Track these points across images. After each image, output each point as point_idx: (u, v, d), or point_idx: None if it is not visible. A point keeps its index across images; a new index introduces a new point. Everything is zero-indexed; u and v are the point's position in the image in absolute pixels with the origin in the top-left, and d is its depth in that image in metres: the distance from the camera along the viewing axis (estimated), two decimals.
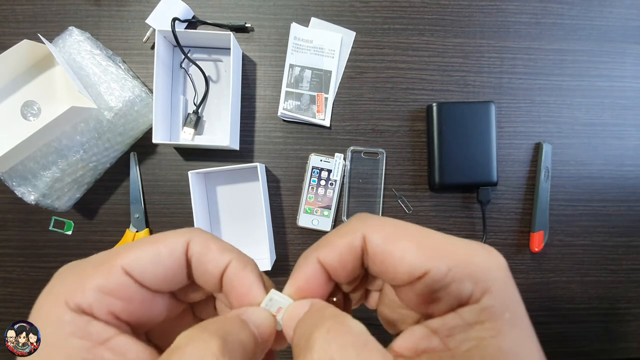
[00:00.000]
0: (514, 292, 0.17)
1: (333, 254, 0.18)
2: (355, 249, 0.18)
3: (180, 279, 0.19)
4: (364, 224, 0.18)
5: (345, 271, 0.19)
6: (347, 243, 0.18)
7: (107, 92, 0.52)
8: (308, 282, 0.19)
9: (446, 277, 0.16)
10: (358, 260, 0.18)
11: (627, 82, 0.60)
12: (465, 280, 0.16)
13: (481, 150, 0.56)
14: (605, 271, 0.60)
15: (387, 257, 0.17)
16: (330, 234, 0.19)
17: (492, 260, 0.17)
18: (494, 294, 0.16)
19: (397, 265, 0.17)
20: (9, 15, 0.57)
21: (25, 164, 0.50)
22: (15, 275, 0.57)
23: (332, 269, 0.18)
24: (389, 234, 0.18)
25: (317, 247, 0.19)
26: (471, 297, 0.16)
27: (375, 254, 0.18)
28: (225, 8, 0.58)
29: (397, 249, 0.17)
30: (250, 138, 0.58)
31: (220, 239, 0.20)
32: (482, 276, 0.16)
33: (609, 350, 0.61)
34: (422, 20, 0.59)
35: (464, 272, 0.16)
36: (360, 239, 0.18)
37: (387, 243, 0.17)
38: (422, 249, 0.17)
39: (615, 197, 0.60)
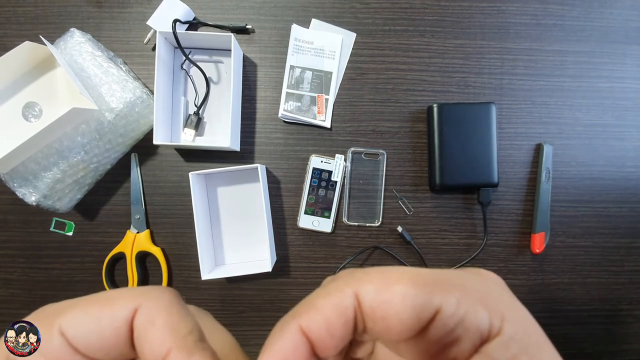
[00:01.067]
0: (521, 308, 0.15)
1: (319, 319, 0.15)
2: (345, 310, 0.15)
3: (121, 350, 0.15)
4: (349, 277, 0.15)
5: (334, 340, 0.15)
6: (336, 304, 0.15)
7: (108, 94, 0.52)
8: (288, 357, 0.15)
9: (459, 310, 0.14)
10: (350, 324, 0.15)
11: (627, 83, 0.60)
12: (478, 310, 0.14)
13: (482, 151, 0.56)
14: (607, 273, 0.60)
15: (387, 307, 0.14)
16: (312, 295, 0.16)
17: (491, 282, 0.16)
18: (511, 319, 0.14)
19: (402, 314, 0.14)
20: (10, 17, 0.57)
21: (27, 165, 0.50)
22: (16, 276, 0.58)
23: (319, 338, 0.15)
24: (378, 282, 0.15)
25: (297, 313, 0.15)
26: (492, 329, 0.14)
27: (372, 309, 0.15)
28: (226, 9, 0.58)
29: (395, 295, 0.14)
30: (250, 139, 0.58)
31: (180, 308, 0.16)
32: (492, 301, 0.15)
33: (611, 352, 0.61)
34: (423, 21, 0.59)
35: (473, 301, 0.14)
36: (351, 297, 0.15)
37: (382, 292, 0.15)
38: (421, 286, 0.14)
39: (617, 198, 0.60)
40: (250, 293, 0.58)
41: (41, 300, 0.57)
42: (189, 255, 0.57)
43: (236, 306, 0.58)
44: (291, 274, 0.59)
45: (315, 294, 0.16)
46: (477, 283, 0.15)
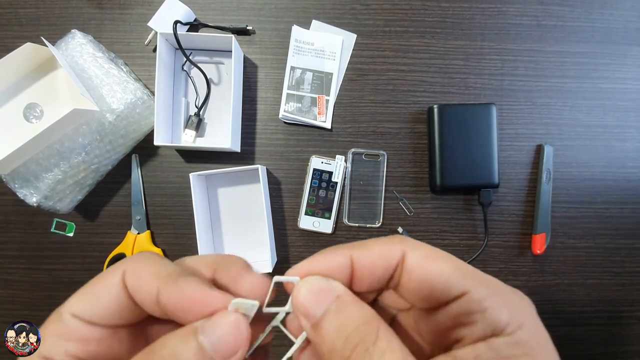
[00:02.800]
0: (546, 333, 0.16)
1: (367, 257, 0.18)
2: (391, 259, 0.17)
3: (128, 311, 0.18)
4: (403, 241, 0.18)
5: (371, 278, 0.18)
6: (385, 251, 0.18)
7: (109, 95, 0.52)
8: (330, 272, 0.17)
9: (485, 301, 0.16)
10: (388, 272, 0.18)
11: (628, 84, 0.60)
12: (502, 310, 0.16)
13: (482, 152, 0.56)
14: (608, 274, 0.60)
15: (425, 273, 0.17)
16: (367, 240, 0.19)
17: (523, 300, 0.17)
18: (529, 329, 0.16)
19: (434, 282, 0.16)
20: (12, 18, 0.57)
21: (28, 166, 0.51)
22: (17, 277, 0.58)
23: (360, 271, 0.18)
24: (428, 253, 0.17)
25: (351, 246, 0.18)
26: (506, 328, 0.15)
27: (413, 270, 0.17)
28: (226, 11, 0.58)
29: (435, 266, 0.17)
30: (251, 140, 0.58)
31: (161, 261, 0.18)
32: (518, 311, 0.16)
33: (612, 353, 0.61)
34: (423, 22, 0.59)
35: (502, 301, 0.16)
36: (399, 252, 0.17)
37: (427, 260, 0.17)
38: (460, 271, 0.17)
39: (618, 199, 0.60)
40: None
41: (42, 301, 0.57)
42: (189, 256, 0.57)
43: None
44: None
45: (371, 240, 0.18)
46: (512, 294, 0.17)
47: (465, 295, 0.16)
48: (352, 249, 0.18)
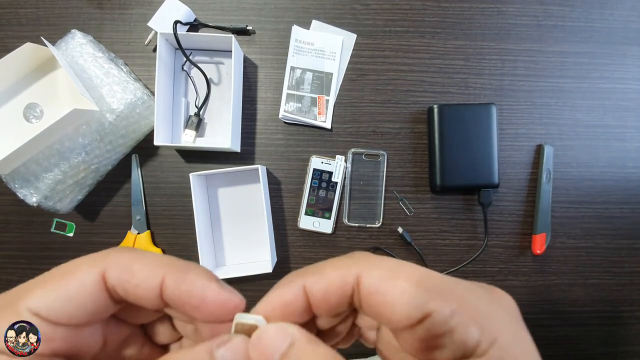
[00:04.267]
0: (526, 341, 0.15)
1: (321, 283, 0.16)
2: (346, 285, 0.16)
3: (105, 308, 0.17)
4: (359, 261, 0.17)
5: (328, 305, 0.17)
6: (339, 276, 0.16)
7: (109, 95, 0.52)
8: (285, 306, 0.17)
9: (450, 321, 0.15)
10: (345, 298, 0.17)
11: (628, 84, 0.60)
12: (471, 327, 0.15)
13: (482, 152, 0.56)
14: (608, 274, 0.60)
15: (383, 296, 0.15)
16: (322, 263, 0.17)
17: (499, 305, 0.16)
18: (502, 344, 0.15)
19: (395, 306, 0.15)
20: (12, 18, 0.57)
21: (28, 166, 0.51)
22: (17, 277, 0.58)
23: (315, 300, 0.17)
24: (386, 272, 0.16)
25: (304, 273, 0.17)
26: (478, 347, 0.14)
27: (370, 294, 0.16)
28: (226, 11, 0.58)
29: (395, 287, 0.15)
30: (251, 140, 0.58)
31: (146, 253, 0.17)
32: (490, 323, 0.15)
33: (612, 353, 0.61)
34: (423, 22, 0.59)
35: (469, 317, 0.15)
36: (353, 276, 0.16)
37: (384, 281, 0.16)
38: (423, 288, 0.15)
39: (618, 199, 0.60)
40: (251, 294, 0.58)
41: None
42: (189, 256, 0.57)
43: None
44: None
45: (327, 262, 0.17)
46: (484, 301, 0.16)
47: (428, 318, 0.15)
48: (305, 277, 0.17)
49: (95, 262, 0.16)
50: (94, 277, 0.16)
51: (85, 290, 0.16)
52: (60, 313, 0.15)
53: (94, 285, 0.16)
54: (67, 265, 0.17)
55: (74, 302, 0.16)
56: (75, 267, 0.16)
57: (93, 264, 0.16)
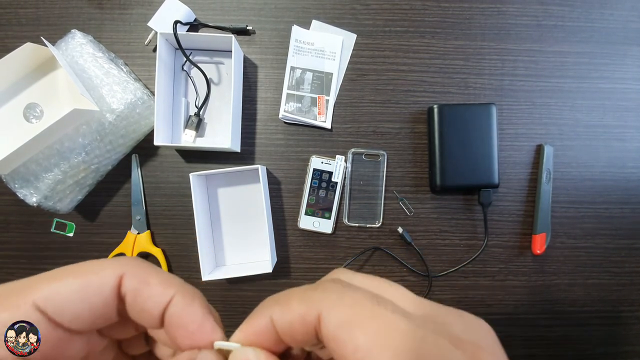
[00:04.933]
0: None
1: (287, 317, 0.16)
2: (307, 324, 0.15)
3: (109, 317, 0.16)
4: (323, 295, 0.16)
5: (295, 341, 0.16)
6: (301, 314, 0.16)
7: (109, 95, 0.52)
8: (257, 336, 0.16)
9: None
10: (310, 335, 0.16)
11: (628, 84, 0.60)
12: None
13: (482, 152, 0.56)
14: (608, 274, 0.60)
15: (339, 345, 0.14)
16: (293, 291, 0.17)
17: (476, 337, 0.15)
18: None
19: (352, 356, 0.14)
20: (12, 18, 0.57)
21: (28, 166, 0.51)
22: (17, 277, 0.57)
23: (282, 333, 0.16)
24: (345, 317, 0.15)
25: (275, 302, 0.17)
26: None
27: (327, 339, 0.15)
28: (226, 11, 0.58)
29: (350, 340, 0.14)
30: (251, 140, 0.58)
31: (161, 270, 0.18)
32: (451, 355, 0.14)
33: (613, 353, 0.61)
34: (423, 22, 0.59)
35: None
36: (314, 315, 0.15)
37: (342, 329, 0.15)
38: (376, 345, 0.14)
39: (618, 199, 0.60)
40: (250, 294, 0.58)
41: None
42: (189, 256, 0.57)
43: (237, 307, 0.58)
44: (292, 275, 0.59)
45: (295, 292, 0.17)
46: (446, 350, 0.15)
47: None
48: (272, 308, 0.16)
49: (116, 265, 0.16)
50: (114, 280, 0.16)
51: (100, 292, 0.16)
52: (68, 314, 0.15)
53: (111, 287, 0.16)
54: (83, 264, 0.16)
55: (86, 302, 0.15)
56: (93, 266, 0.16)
57: (114, 267, 0.16)
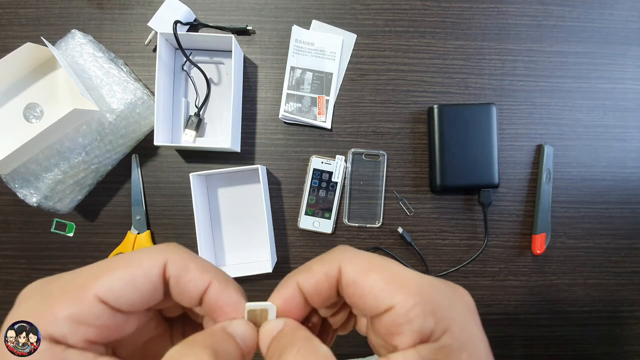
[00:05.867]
0: (476, 331, 0.18)
1: (311, 280, 0.19)
2: (331, 278, 0.19)
3: (157, 299, 0.19)
4: (342, 255, 0.19)
5: (320, 297, 0.20)
6: (324, 272, 0.19)
7: (109, 95, 0.52)
8: (285, 303, 0.20)
9: (410, 313, 0.17)
10: (333, 289, 0.19)
11: (628, 84, 0.60)
12: (428, 318, 0.17)
13: (482, 152, 0.56)
14: (608, 274, 0.60)
15: (357, 289, 0.18)
16: (311, 261, 0.20)
17: (456, 300, 0.18)
18: (453, 332, 0.17)
19: (366, 298, 0.18)
20: (12, 18, 0.57)
21: (28, 166, 0.51)
22: (17, 277, 0.58)
23: (309, 294, 0.20)
24: (362, 267, 0.19)
25: (297, 272, 0.20)
26: (432, 335, 0.17)
27: (347, 285, 0.19)
28: (226, 11, 0.58)
29: (367, 281, 0.18)
30: (251, 140, 0.58)
31: (198, 256, 0.20)
32: (445, 315, 0.17)
33: (613, 353, 0.61)
34: (423, 22, 0.59)
35: (427, 309, 0.17)
36: (336, 269, 0.19)
37: (359, 275, 0.18)
38: (390, 284, 0.18)
39: (618, 199, 0.60)
40: (250, 294, 0.58)
41: None
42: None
43: None
44: None
45: (313, 260, 0.20)
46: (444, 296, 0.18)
47: (392, 309, 0.17)
48: (297, 275, 0.20)
49: (159, 254, 0.18)
50: (159, 268, 0.18)
51: (150, 280, 0.18)
52: (125, 301, 0.17)
53: (158, 275, 0.18)
54: (131, 255, 0.18)
55: (139, 290, 0.17)
56: (141, 257, 0.18)
57: (157, 255, 0.18)
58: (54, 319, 0.16)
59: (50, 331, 0.15)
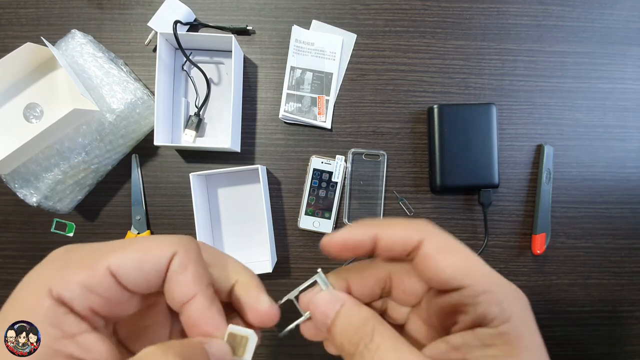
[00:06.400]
0: (534, 327, 0.19)
1: (390, 234, 0.20)
2: (408, 243, 0.20)
3: (158, 287, 0.19)
4: (425, 228, 0.20)
5: (390, 253, 0.21)
6: (406, 235, 0.20)
7: (109, 95, 0.52)
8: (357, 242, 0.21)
9: (478, 297, 0.18)
10: (405, 252, 0.20)
11: (628, 84, 0.60)
12: (493, 305, 0.18)
13: (482, 152, 0.56)
14: (608, 274, 0.60)
15: (435, 262, 0.19)
16: (394, 219, 0.22)
17: (518, 297, 0.19)
18: (514, 323, 0.18)
19: (440, 272, 0.19)
20: (12, 18, 0.57)
21: (28, 166, 0.51)
22: (17, 277, 0.57)
23: (383, 245, 0.21)
24: (443, 245, 0.20)
25: (378, 223, 0.21)
26: (493, 321, 0.18)
27: (426, 256, 0.20)
28: (226, 11, 0.58)
29: (445, 259, 0.19)
30: (251, 140, 0.58)
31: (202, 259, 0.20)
32: (507, 306, 0.18)
33: (613, 353, 0.61)
34: (423, 22, 0.59)
35: (493, 298, 0.18)
36: (417, 239, 0.20)
37: (439, 252, 0.19)
38: (466, 267, 0.19)
39: (618, 199, 0.60)
40: None
41: None
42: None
43: None
44: (292, 275, 0.59)
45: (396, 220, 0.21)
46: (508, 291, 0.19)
47: (463, 289, 0.18)
48: (378, 227, 0.21)
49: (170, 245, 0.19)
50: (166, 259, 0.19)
51: (155, 268, 0.18)
52: (132, 279, 0.18)
53: (163, 264, 0.19)
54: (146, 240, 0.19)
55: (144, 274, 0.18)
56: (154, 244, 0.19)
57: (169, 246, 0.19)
58: (67, 281, 0.17)
59: (60, 292, 0.17)
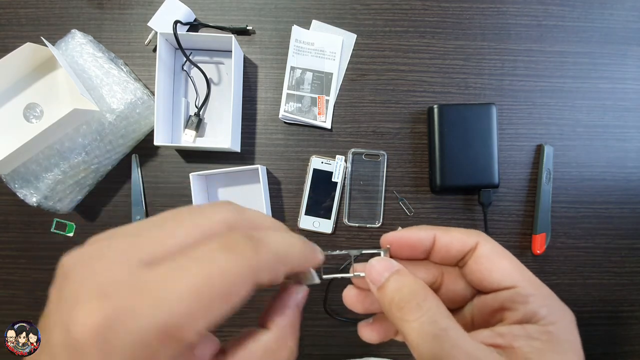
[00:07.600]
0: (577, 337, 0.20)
1: (448, 237, 0.23)
2: (465, 245, 0.22)
3: None
4: (479, 235, 0.23)
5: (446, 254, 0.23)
6: (463, 238, 0.23)
7: (109, 95, 0.52)
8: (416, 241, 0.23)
9: (529, 297, 0.20)
10: (461, 254, 0.23)
11: (628, 84, 0.60)
12: (542, 307, 0.20)
13: (482, 152, 0.56)
14: (608, 274, 0.60)
15: (488, 264, 0.21)
16: (451, 227, 0.24)
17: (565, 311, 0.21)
18: (560, 327, 0.19)
19: (493, 273, 0.21)
20: (12, 18, 0.57)
21: (28, 166, 0.51)
22: (17, 277, 0.58)
23: (440, 247, 0.23)
24: (498, 250, 0.22)
25: (437, 227, 0.23)
26: (541, 320, 0.19)
27: (480, 257, 0.22)
28: (226, 11, 0.58)
29: (499, 262, 0.21)
30: (251, 140, 0.58)
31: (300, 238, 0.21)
32: (555, 311, 0.20)
33: (613, 353, 0.61)
34: (423, 22, 0.59)
35: (542, 301, 0.20)
36: (473, 241, 0.22)
37: (493, 255, 0.22)
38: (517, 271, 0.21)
39: (618, 199, 0.60)
40: None
41: (42, 301, 0.57)
42: None
43: None
44: None
45: (454, 227, 0.24)
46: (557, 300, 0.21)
47: (514, 289, 0.20)
48: (437, 230, 0.23)
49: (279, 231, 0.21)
50: None
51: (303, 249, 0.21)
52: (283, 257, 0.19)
53: None
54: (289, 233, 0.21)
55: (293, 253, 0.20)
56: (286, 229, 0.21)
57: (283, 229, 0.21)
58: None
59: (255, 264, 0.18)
